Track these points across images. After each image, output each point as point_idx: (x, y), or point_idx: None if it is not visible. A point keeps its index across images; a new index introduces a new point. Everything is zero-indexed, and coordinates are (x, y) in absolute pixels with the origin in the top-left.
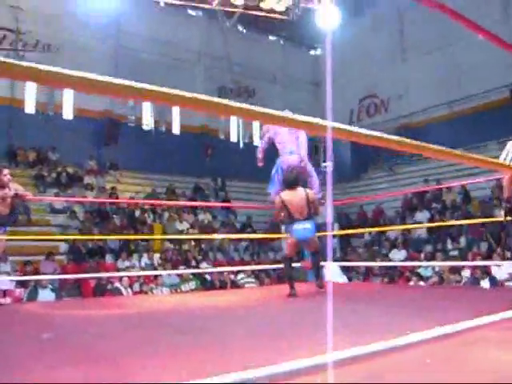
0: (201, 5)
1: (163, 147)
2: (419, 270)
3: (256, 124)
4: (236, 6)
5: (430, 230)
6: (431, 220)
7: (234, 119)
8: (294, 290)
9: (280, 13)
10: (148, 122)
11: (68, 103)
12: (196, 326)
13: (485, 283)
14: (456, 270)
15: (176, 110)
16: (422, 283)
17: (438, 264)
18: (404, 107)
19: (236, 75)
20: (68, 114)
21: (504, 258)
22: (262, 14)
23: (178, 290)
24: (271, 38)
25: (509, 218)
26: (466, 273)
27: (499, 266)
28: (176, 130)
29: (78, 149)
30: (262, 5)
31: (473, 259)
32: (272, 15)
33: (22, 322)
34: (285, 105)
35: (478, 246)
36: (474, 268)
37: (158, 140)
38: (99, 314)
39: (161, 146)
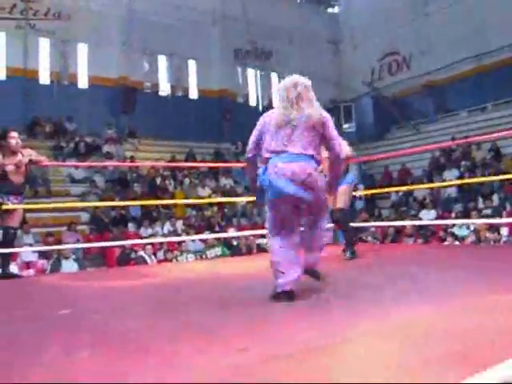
0: None
1: (181, 113)
2: (453, 230)
3: (275, 87)
4: None
5: (460, 188)
6: (460, 178)
7: (252, 82)
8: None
9: None
10: (164, 88)
11: (82, 72)
12: (233, 298)
13: None
14: (494, 229)
15: (192, 75)
16: (457, 243)
17: (477, 221)
18: (428, 64)
19: (252, 36)
20: (83, 82)
21: None
22: None
23: (204, 257)
24: None
25: None
26: (504, 231)
27: None
28: (193, 94)
29: (95, 118)
30: None
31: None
32: None
33: (41, 296)
34: (303, 65)
35: None
36: None
37: (175, 106)
38: (124, 286)
39: (179, 112)
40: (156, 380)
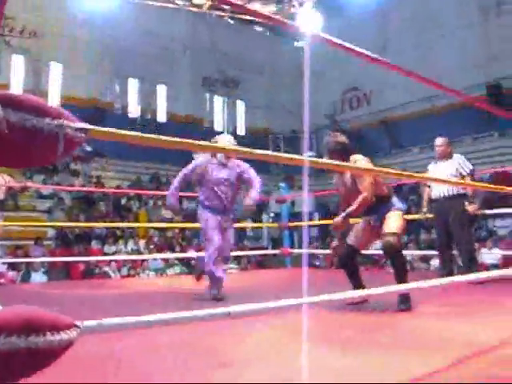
0: None
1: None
2: None
3: (241, 113)
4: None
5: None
6: (408, 212)
7: (219, 108)
8: None
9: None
10: (134, 110)
11: (55, 90)
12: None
13: None
14: (425, 259)
15: (161, 98)
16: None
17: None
18: (385, 101)
19: (221, 65)
20: (55, 101)
21: None
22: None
23: (164, 274)
24: (257, 28)
25: None
26: (436, 262)
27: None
28: (162, 118)
29: None
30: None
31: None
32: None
33: (33, 296)
34: (267, 95)
35: None
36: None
37: (143, 128)
38: (98, 293)
39: (146, 134)
40: None
